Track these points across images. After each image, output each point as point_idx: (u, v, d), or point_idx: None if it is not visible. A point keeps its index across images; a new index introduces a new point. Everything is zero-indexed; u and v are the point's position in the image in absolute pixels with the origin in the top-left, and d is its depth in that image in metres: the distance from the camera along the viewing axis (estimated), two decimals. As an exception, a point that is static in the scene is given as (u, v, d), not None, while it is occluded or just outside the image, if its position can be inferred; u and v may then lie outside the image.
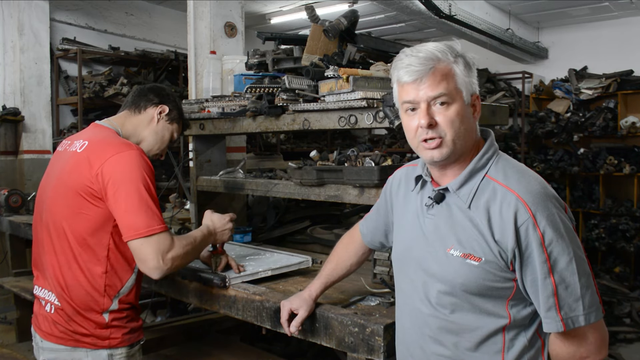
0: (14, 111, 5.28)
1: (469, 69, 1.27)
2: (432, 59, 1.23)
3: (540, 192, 1.21)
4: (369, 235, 1.68)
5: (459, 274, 1.25)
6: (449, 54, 1.25)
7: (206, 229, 2.00)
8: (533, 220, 1.18)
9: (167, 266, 1.70)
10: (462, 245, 1.25)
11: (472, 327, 1.27)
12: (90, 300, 1.76)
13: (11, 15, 5.36)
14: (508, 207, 1.20)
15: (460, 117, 1.24)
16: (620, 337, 4.69)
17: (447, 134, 1.24)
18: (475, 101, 1.30)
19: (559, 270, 1.18)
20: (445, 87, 1.23)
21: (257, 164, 4.44)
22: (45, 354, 1.82)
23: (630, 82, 6.57)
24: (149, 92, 2.04)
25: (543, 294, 1.19)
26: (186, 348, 2.99)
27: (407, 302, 1.41)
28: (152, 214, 1.70)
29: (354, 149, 2.56)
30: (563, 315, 1.18)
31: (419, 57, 1.24)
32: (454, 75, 1.24)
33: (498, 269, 1.22)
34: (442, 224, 1.30)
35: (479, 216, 1.24)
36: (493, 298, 1.25)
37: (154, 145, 2.04)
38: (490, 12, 6.31)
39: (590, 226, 6.75)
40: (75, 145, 1.85)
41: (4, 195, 4.04)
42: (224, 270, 2.12)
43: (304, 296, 1.70)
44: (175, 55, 6.34)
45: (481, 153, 1.29)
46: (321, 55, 2.55)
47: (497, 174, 1.26)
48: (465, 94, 1.26)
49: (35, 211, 1.95)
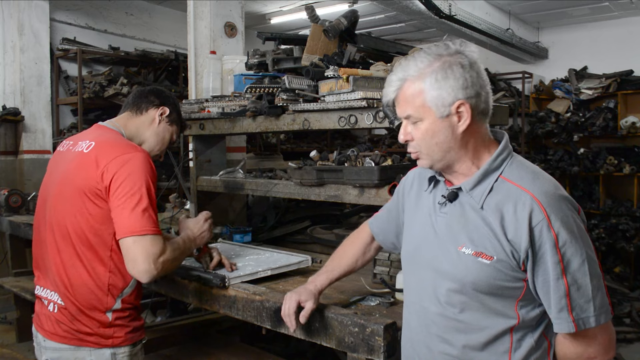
0: (14, 111, 5.28)
1: (444, 77, 1.23)
2: (401, 78, 1.27)
3: (554, 194, 1.23)
4: (381, 235, 1.66)
5: (470, 272, 1.25)
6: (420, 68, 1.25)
7: (186, 237, 2.01)
8: (547, 221, 1.18)
9: (157, 270, 1.70)
10: (474, 243, 1.25)
11: (481, 326, 1.27)
12: (94, 299, 1.77)
13: (11, 15, 5.36)
14: (523, 207, 1.20)
15: (431, 133, 1.26)
16: (620, 337, 4.69)
17: (421, 148, 1.30)
18: (460, 107, 1.24)
19: (571, 272, 1.18)
20: (411, 109, 1.27)
21: (257, 164, 4.45)
22: (48, 354, 1.83)
23: (630, 82, 6.57)
24: (149, 94, 2.06)
25: (555, 294, 1.19)
26: (186, 348, 2.99)
27: (414, 301, 1.41)
28: (148, 217, 1.71)
29: (354, 149, 2.56)
30: (575, 316, 1.19)
31: (391, 79, 1.30)
32: (421, 93, 1.25)
33: (509, 269, 1.22)
34: (455, 223, 1.31)
35: (492, 216, 1.24)
36: (503, 298, 1.25)
37: (155, 146, 2.06)
38: (490, 12, 6.31)
39: (590, 226, 6.74)
40: (80, 146, 1.86)
41: (4, 195, 4.04)
42: (216, 268, 2.16)
43: (310, 288, 1.65)
44: (175, 55, 6.34)
45: (496, 154, 1.29)
46: (321, 55, 2.55)
47: (512, 175, 1.27)
48: (437, 109, 1.24)
49: (37, 211, 1.96)
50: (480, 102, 1.27)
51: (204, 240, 2.09)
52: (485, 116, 1.30)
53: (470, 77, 1.24)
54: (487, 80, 1.29)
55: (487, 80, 1.29)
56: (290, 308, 1.61)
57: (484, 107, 1.28)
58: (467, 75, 1.24)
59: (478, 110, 1.27)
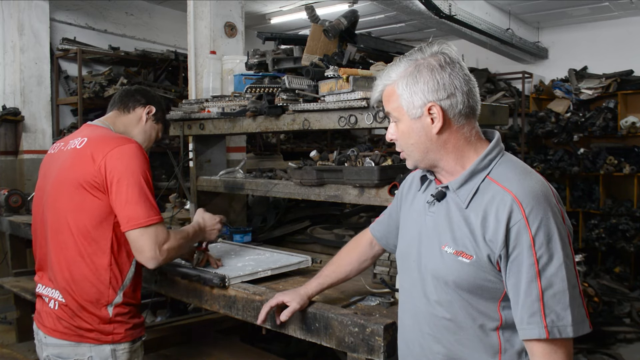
0: (14, 111, 5.28)
1: (414, 81, 1.26)
2: (383, 84, 1.34)
3: (538, 195, 1.19)
4: (384, 239, 1.68)
5: (452, 271, 1.25)
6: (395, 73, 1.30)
7: (197, 225, 2.10)
8: (525, 222, 1.16)
9: (162, 257, 1.80)
10: (455, 242, 1.26)
11: (468, 325, 1.27)
12: (96, 293, 1.81)
13: (11, 15, 5.36)
14: (503, 208, 1.19)
15: (406, 133, 1.32)
16: (620, 337, 4.69)
17: (403, 148, 1.36)
18: (432, 109, 1.25)
19: (547, 276, 1.15)
20: (389, 107, 1.34)
21: (257, 164, 4.45)
22: (49, 350, 1.86)
23: (630, 82, 6.58)
24: (135, 93, 2.16)
25: (527, 298, 1.16)
26: (186, 348, 2.99)
27: (407, 300, 1.42)
28: (150, 205, 1.79)
29: (354, 149, 2.56)
30: (548, 323, 1.14)
31: (376, 83, 1.37)
32: (394, 96, 1.31)
33: (487, 269, 1.22)
34: (441, 221, 1.31)
35: (474, 216, 1.24)
36: (485, 298, 1.24)
37: (143, 143, 2.13)
38: (490, 12, 6.31)
39: (590, 226, 6.75)
40: (73, 144, 1.91)
41: (4, 195, 4.04)
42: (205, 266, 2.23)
43: (299, 292, 1.74)
44: (175, 55, 6.33)
45: (483, 154, 1.28)
46: (321, 55, 2.55)
47: (499, 176, 1.25)
48: (409, 110, 1.28)
49: (35, 212, 2.00)
50: (455, 102, 1.25)
51: (211, 237, 2.17)
52: (467, 116, 1.28)
53: (441, 79, 1.24)
54: (465, 80, 1.26)
55: (467, 80, 1.26)
56: (269, 303, 1.74)
57: (462, 108, 1.26)
58: (437, 78, 1.25)
59: (454, 111, 1.26)
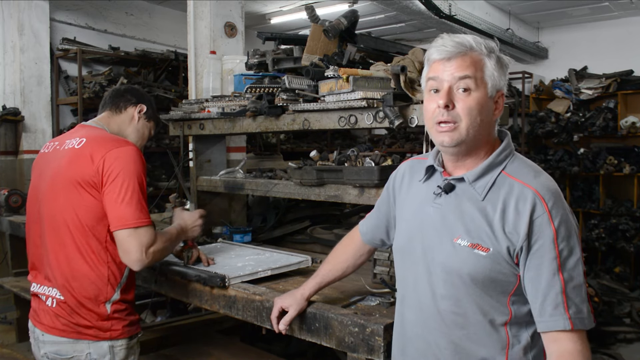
0: (14, 111, 5.28)
1: (500, 67, 1.30)
2: (466, 46, 1.26)
3: (556, 192, 1.26)
4: (369, 234, 1.67)
5: (466, 264, 1.25)
6: (483, 47, 1.28)
7: (179, 226, 2.12)
8: (548, 216, 1.20)
9: (148, 259, 1.81)
10: (470, 235, 1.26)
11: (477, 320, 1.27)
12: (95, 290, 1.83)
13: (11, 15, 5.35)
14: (525, 201, 1.22)
15: (480, 107, 1.26)
16: (620, 337, 4.69)
17: (463, 120, 1.25)
18: (499, 98, 1.31)
19: (568, 269, 1.20)
20: (472, 72, 1.25)
21: (257, 164, 4.44)
22: (47, 347, 1.86)
23: (630, 82, 6.57)
24: (125, 93, 2.17)
25: (551, 290, 1.19)
26: (186, 348, 2.99)
27: (410, 295, 1.40)
28: (141, 207, 1.81)
29: (354, 149, 2.56)
30: (571, 314, 1.18)
31: (454, 40, 1.28)
32: (483, 66, 1.27)
33: (504, 262, 1.23)
34: (450, 214, 1.31)
35: (491, 208, 1.25)
36: (496, 292, 1.25)
37: (136, 142, 2.15)
38: (490, 12, 6.31)
39: (590, 226, 6.74)
40: (70, 143, 1.92)
41: (4, 195, 4.05)
42: (194, 264, 2.26)
43: (296, 295, 1.74)
44: (175, 55, 6.33)
45: (499, 150, 1.32)
46: (321, 55, 2.55)
47: (514, 171, 1.29)
48: (491, 86, 1.28)
49: (29, 211, 2.01)
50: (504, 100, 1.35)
51: (195, 234, 2.20)
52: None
53: (507, 77, 1.34)
54: None
55: None
56: (274, 313, 1.76)
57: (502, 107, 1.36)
58: (507, 73, 1.34)
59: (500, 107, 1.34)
